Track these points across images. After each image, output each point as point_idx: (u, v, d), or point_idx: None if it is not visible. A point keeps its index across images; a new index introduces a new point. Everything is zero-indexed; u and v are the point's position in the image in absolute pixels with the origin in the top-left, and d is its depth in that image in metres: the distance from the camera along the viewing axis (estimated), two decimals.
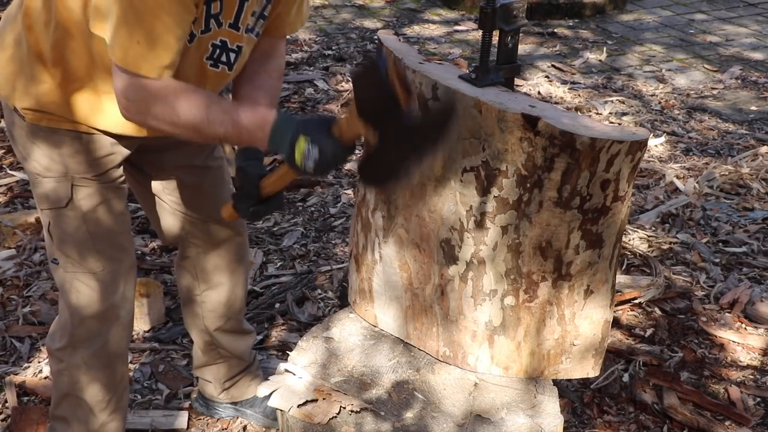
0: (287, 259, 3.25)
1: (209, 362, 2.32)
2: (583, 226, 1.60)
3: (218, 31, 1.69)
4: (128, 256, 1.95)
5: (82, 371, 1.95)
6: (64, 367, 1.96)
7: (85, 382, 1.96)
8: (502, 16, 1.65)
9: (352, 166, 4.05)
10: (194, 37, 1.66)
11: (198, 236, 2.11)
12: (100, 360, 1.95)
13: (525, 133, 1.50)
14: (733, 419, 2.42)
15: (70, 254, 1.86)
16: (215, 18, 1.66)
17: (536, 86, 5.04)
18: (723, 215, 3.56)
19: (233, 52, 1.75)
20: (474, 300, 1.68)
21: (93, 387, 1.97)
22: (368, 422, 1.63)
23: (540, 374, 1.75)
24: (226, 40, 1.72)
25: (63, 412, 2.01)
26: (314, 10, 6.65)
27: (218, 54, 1.73)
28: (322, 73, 5.21)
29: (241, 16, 1.70)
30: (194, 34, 1.65)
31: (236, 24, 1.70)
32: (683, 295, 2.97)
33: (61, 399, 2.01)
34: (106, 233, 1.87)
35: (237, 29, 1.72)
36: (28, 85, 1.73)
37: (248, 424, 2.41)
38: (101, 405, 1.99)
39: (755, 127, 4.60)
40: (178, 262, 2.20)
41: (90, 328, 1.92)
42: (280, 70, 1.94)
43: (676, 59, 5.67)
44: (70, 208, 1.82)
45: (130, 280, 1.96)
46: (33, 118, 1.76)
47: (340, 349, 1.83)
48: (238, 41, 1.74)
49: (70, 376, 1.96)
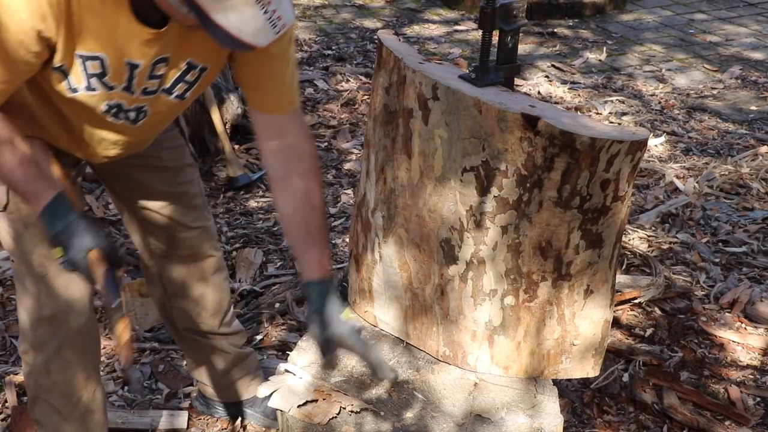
0: (287, 259, 3.25)
1: (199, 363, 2.31)
2: (583, 225, 1.60)
3: (109, 93, 1.62)
4: None
5: (42, 376, 1.94)
6: (29, 370, 1.96)
7: (49, 386, 1.96)
8: (502, 16, 1.65)
9: (352, 166, 4.05)
10: (75, 90, 1.60)
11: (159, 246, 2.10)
12: (57, 363, 1.93)
13: (525, 132, 1.50)
14: (733, 419, 2.42)
15: (17, 257, 1.85)
16: (99, 79, 1.59)
17: (536, 86, 5.04)
18: (723, 215, 3.56)
19: (132, 111, 1.70)
20: (474, 300, 1.68)
21: (55, 391, 1.96)
22: (368, 422, 1.63)
23: (540, 374, 1.75)
24: (121, 103, 1.66)
25: (36, 415, 2.01)
26: (314, 10, 6.65)
27: (115, 112, 1.68)
28: (322, 73, 5.21)
29: (134, 82, 1.62)
30: (76, 88, 1.59)
31: (129, 88, 1.63)
32: (683, 295, 2.97)
33: (33, 402, 2.01)
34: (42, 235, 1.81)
35: (131, 92, 1.64)
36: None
37: (248, 424, 2.41)
38: (67, 410, 1.98)
39: (755, 127, 4.60)
40: (145, 272, 2.20)
41: (44, 331, 1.90)
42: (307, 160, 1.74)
43: (676, 59, 5.67)
44: (9, 212, 1.81)
45: (77, 282, 1.88)
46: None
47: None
48: (136, 103, 1.68)
49: (35, 379, 1.96)
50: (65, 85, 1.59)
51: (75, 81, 1.59)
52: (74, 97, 1.62)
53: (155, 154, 1.96)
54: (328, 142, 4.32)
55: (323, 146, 4.29)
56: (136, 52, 1.57)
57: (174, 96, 1.71)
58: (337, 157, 4.19)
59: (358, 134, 4.40)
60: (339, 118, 4.60)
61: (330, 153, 4.22)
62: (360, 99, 4.79)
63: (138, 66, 1.59)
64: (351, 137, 4.37)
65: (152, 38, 1.55)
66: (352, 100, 4.80)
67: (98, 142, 1.78)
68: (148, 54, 1.58)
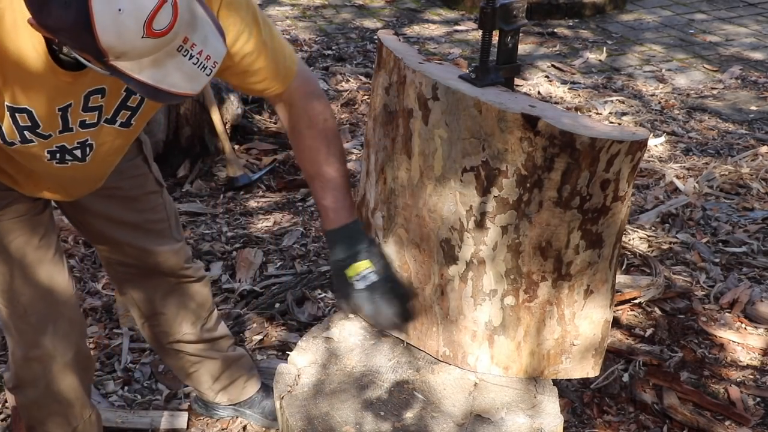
0: (287, 259, 3.25)
1: (188, 373, 2.30)
2: (583, 226, 1.60)
3: (46, 141, 1.57)
4: (56, 291, 1.85)
5: (35, 409, 1.94)
6: (20, 403, 1.97)
7: (42, 418, 1.96)
8: (502, 16, 1.65)
9: (352, 166, 4.05)
10: (12, 144, 1.55)
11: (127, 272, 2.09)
12: (49, 398, 1.92)
13: (525, 133, 1.50)
14: (733, 419, 2.42)
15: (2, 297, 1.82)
16: (32, 131, 1.53)
17: (536, 86, 5.04)
18: (723, 215, 3.56)
19: (77, 149, 1.64)
20: (474, 300, 1.68)
21: (51, 422, 1.96)
22: (368, 422, 1.63)
23: (540, 374, 1.75)
24: (63, 144, 1.60)
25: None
26: (314, 10, 6.65)
27: (60, 156, 1.63)
28: (322, 73, 5.21)
29: (68, 119, 1.56)
30: (12, 142, 1.54)
31: (66, 127, 1.57)
32: (683, 295, 2.97)
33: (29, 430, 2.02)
34: (22, 271, 1.79)
35: (70, 130, 1.58)
36: None
37: (248, 424, 2.41)
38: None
39: (755, 127, 4.60)
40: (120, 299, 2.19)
41: (31, 370, 1.88)
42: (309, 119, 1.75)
43: (676, 59, 5.67)
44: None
45: (61, 317, 1.86)
46: None
47: (340, 349, 1.83)
48: (78, 138, 1.61)
49: (28, 412, 1.97)
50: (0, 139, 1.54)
51: (9, 135, 1.53)
52: (14, 148, 1.56)
53: (116, 185, 1.91)
54: None
55: None
56: (63, 95, 1.50)
57: (118, 124, 1.64)
58: None
59: (358, 134, 4.40)
60: (339, 118, 4.60)
61: None
62: (360, 99, 4.79)
63: (70, 105, 1.53)
64: (351, 137, 4.37)
65: (74, 80, 1.48)
66: (352, 100, 4.80)
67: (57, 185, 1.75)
68: (77, 92, 1.52)
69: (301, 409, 1.66)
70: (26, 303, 1.81)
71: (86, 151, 1.66)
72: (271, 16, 6.41)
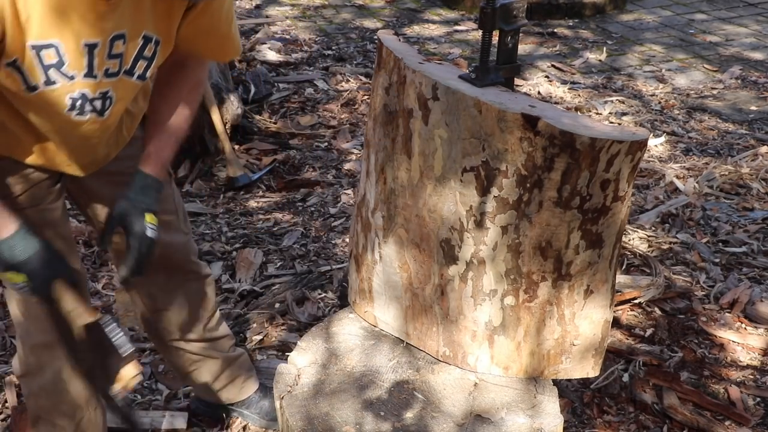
0: (287, 259, 3.25)
1: (187, 372, 2.30)
2: (583, 226, 1.60)
3: (70, 84, 1.57)
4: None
5: (42, 398, 1.95)
6: (28, 392, 1.97)
7: (50, 407, 1.96)
8: (502, 16, 1.65)
9: (352, 166, 4.05)
10: (35, 88, 1.54)
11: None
12: (58, 385, 1.93)
13: (525, 133, 1.50)
14: (733, 419, 2.42)
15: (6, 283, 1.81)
16: (57, 69, 1.53)
17: (536, 86, 5.04)
18: (723, 215, 3.56)
19: (98, 100, 1.64)
20: (474, 300, 1.68)
21: (58, 410, 1.97)
22: (368, 422, 1.63)
23: (540, 374, 1.75)
24: (84, 92, 1.60)
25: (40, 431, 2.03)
26: (314, 10, 6.65)
27: (80, 105, 1.62)
28: (322, 73, 5.21)
29: (94, 64, 1.57)
30: (35, 85, 1.53)
31: (91, 72, 1.58)
32: (683, 295, 2.97)
33: (34, 421, 2.02)
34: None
35: (93, 77, 1.59)
36: None
37: (248, 424, 2.41)
38: (70, 426, 1.99)
39: (755, 127, 4.60)
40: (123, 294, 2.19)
41: (40, 357, 1.89)
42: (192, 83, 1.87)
43: (676, 59, 5.67)
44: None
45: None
46: None
47: (340, 349, 1.83)
48: (100, 88, 1.62)
49: (35, 401, 1.97)
50: (22, 85, 1.53)
51: (32, 78, 1.52)
52: (36, 96, 1.56)
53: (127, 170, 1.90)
54: (328, 142, 4.32)
55: (323, 146, 4.29)
56: (92, 29, 1.51)
57: (136, 77, 1.68)
58: (337, 157, 4.19)
59: (358, 134, 4.40)
60: (339, 118, 4.60)
61: (330, 153, 4.23)
62: (360, 99, 4.79)
63: (96, 45, 1.54)
64: (351, 137, 4.37)
65: (107, 9, 1.49)
66: (352, 100, 4.80)
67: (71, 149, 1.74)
68: (105, 30, 1.53)
69: (301, 409, 1.66)
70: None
71: (106, 104, 1.67)
72: (271, 16, 6.41)
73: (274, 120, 4.50)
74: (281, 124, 4.48)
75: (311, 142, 4.33)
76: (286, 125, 4.47)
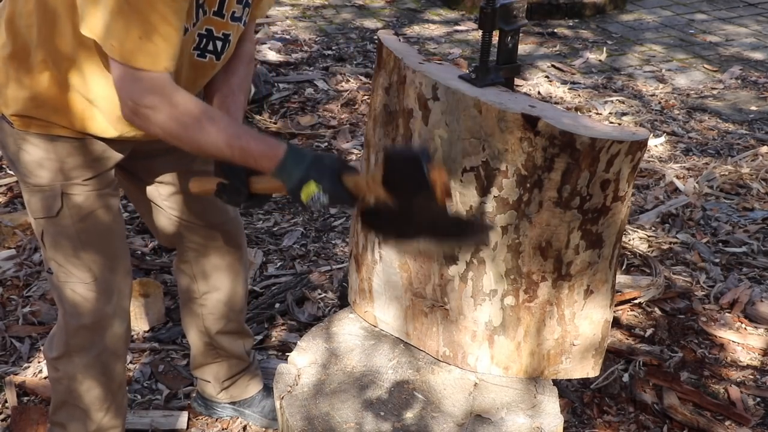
0: (287, 259, 3.25)
1: (208, 362, 2.31)
2: (583, 226, 1.60)
3: (203, 19, 1.65)
4: (122, 264, 1.91)
5: (77, 380, 1.94)
6: (60, 375, 1.96)
7: (82, 391, 1.96)
8: (502, 16, 1.65)
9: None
10: (187, 31, 1.61)
11: (196, 240, 2.10)
12: (96, 369, 1.94)
13: (525, 133, 1.50)
14: (733, 419, 2.42)
15: (62, 263, 1.84)
16: (201, 7, 1.63)
17: (536, 86, 5.04)
18: (723, 215, 3.56)
19: (219, 40, 1.71)
20: (474, 300, 1.68)
21: (90, 395, 1.97)
22: (368, 422, 1.63)
23: (540, 374, 1.75)
24: (211, 29, 1.68)
25: (61, 418, 2.02)
26: (314, 10, 6.64)
27: (205, 43, 1.69)
28: (322, 73, 5.21)
29: (225, 3, 1.66)
30: (187, 27, 1.60)
31: (221, 11, 1.66)
32: (683, 295, 2.97)
33: (59, 406, 2.01)
34: (98, 241, 1.84)
35: (222, 16, 1.68)
36: (16, 91, 1.69)
37: (248, 424, 2.41)
38: (99, 413, 1.99)
39: (755, 127, 4.60)
40: (177, 265, 2.20)
41: (85, 338, 1.90)
42: (250, 54, 1.91)
43: (676, 59, 5.67)
44: (61, 217, 1.79)
45: (124, 288, 1.93)
46: (21, 124, 1.72)
47: (340, 349, 1.83)
48: (224, 29, 1.70)
49: (67, 384, 1.96)
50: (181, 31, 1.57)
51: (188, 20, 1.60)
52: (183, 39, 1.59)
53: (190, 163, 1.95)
54: (328, 142, 4.32)
55: (323, 146, 4.29)
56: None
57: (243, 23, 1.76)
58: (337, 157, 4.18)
59: (358, 134, 4.40)
60: (339, 118, 4.60)
61: (330, 153, 4.22)
62: (360, 99, 4.79)
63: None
64: (351, 137, 4.37)
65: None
66: (352, 100, 4.80)
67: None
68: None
69: (301, 409, 1.66)
70: (97, 271, 1.85)
71: (225, 46, 1.73)
72: (271, 16, 6.41)
73: (274, 120, 4.50)
74: (281, 124, 4.48)
75: (311, 142, 4.33)
76: (287, 125, 4.47)
